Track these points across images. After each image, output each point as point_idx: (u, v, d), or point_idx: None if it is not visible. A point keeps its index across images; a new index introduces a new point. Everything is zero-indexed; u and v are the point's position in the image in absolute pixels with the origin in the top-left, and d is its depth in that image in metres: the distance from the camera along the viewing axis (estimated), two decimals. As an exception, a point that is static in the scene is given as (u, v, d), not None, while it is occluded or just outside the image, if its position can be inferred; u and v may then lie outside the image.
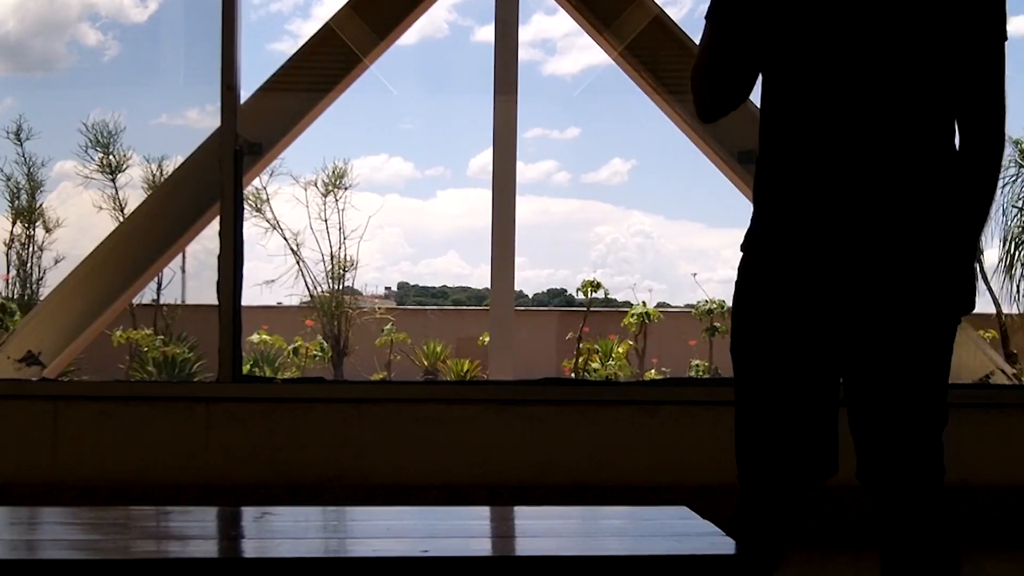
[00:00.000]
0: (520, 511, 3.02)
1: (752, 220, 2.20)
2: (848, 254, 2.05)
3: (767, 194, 2.16)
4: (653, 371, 6.90)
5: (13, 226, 6.64)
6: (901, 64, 2.06)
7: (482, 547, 2.28)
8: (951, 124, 2.12)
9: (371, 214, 6.97)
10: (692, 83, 2.21)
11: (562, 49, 8.73)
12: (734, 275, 2.29)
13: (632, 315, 7.12)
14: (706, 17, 2.17)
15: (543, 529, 2.36)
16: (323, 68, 4.87)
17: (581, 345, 6.55)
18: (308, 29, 5.68)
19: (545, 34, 8.44)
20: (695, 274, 7.62)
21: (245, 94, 4.58)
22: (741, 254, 2.22)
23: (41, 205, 6.71)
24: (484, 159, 6.38)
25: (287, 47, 9.21)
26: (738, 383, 2.18)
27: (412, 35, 7.55)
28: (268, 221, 6.83)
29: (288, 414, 4.30)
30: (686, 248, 9.48)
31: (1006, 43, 2.13)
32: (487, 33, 4.71)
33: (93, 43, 7.57)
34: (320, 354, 6.78)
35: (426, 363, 7.12)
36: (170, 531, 2.32)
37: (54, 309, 4.85)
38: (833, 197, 2.06)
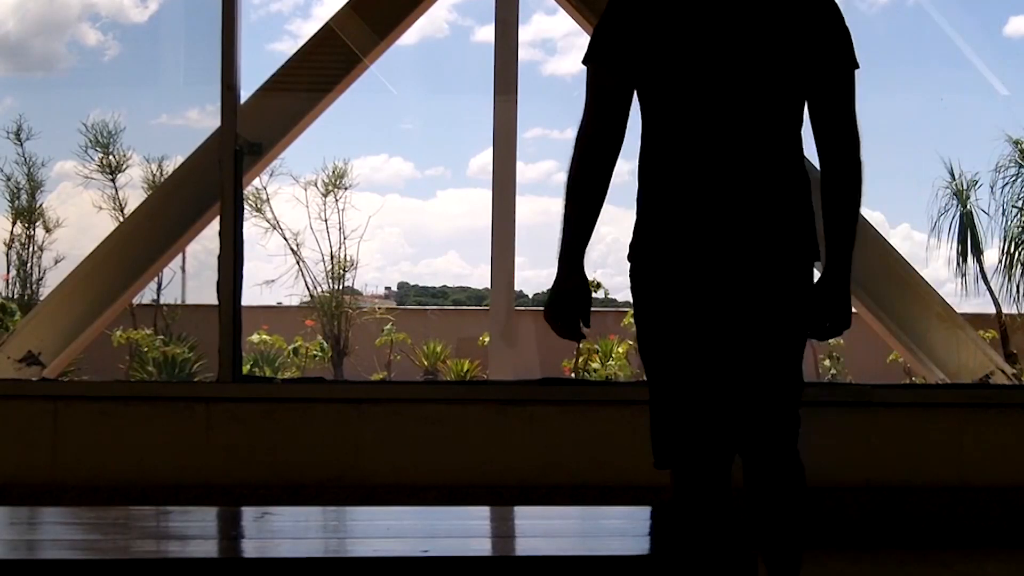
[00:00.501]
0: (520, 511, 3.03)
1: (635, 231, 2.42)
2: (721, 263, 2.31)
3: (650, 211, 2.38)
4: (653, 371, 6.88)
5: (13, 226, 6.64)
6: (764, 92, 2.30)
7: (482, 547, 2.28)
8: (801, 148, 2.40)
9: (371, 214, 6.97)
10: (579, 143, 2.39)
11: (562, 49, 8.72)
12: None
13: (632, 315, 7.11)
14: (591, 59, 2.37)
15: (543, 529, 2.36)
16: (323, 68, 4.87)
17: (581, 345, 6.54)
18: (308, 29, 5.69)
19: (545, 34, 8.42)
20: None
21: (245, 94, 4.58)
22: (629, 263, 2.45)
23: (41, 205, 6.72)
24: (484, 159, 6.36)
25: (287, 47, 9.20)
26: (649, 379, 2.46)
27: (412, 35, 7.54)
28: (268, 221, 6.83)
29: (288, 414, 4.29)
30: (686, 248, 9.44)
31: (856, 71, 2.38)
32: (487, 33, 4.71)
33: (93, 43, 7.57)
34: (320, 354, 6.78)
35: (426, 363, 7.11)
36: (170, 531, 2.32)
37: (54, 309, 4.85)
38: (708, 212, 2.30)
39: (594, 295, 7.19)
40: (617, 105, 2.36)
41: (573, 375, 6.40)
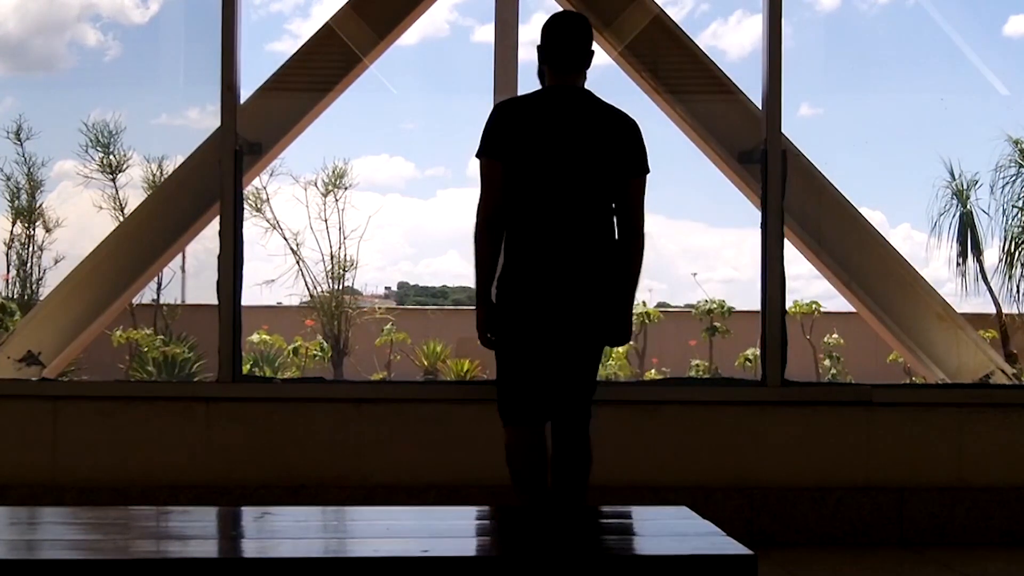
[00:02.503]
0: (519, 511, 3.02)
1: (502, 270, 3.46)
2: (557, 297, 3.39)
3: (513, 259, 3.44)
4: (653, 371, 6.90)
5: (13, 226, 6.63)
6: (587, 186, 3.42)
7: (482, 547, 2.28)
8: (612, 220, 3.48)
9: (371, 214, 6.96)
10: (484, 223, 3.43)
11: (562, 49, 8.70)
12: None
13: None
14: (483, 155, 3.43)
15: (543, 529, 2.36)
16: (323, 68, 4.86)
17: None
18: (308, 29, 5.67)
19: (545, 34, 8.38)
20: (695, 274, 7.62)
21: (245, 94, 4.58)
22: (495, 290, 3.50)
23: (41, 205, 6.71)
24: (484, 159, 6.33)
25: (287, 47, 9.18)
26: (498, 371, 3.52)
27: (412, 35, 7.53)
28: (268, 221, 6.83)
29: (288, 414, 4.29)
30: (686, 248, 9.45)
31: (647, 175, 3.50)
32: (487, 33, 4.70)
33: (93, 43, 7.57)
34: (320, 354, 6.78)
35: (426, 363, 7.11)
36: (170, 531, 2.32)
37: (54, 309, 4.85)
38: (549, 262, 3.39)
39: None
40: (502, 187, 3.41)
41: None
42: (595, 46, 3.63)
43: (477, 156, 3.44)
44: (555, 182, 3.40)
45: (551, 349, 3.44)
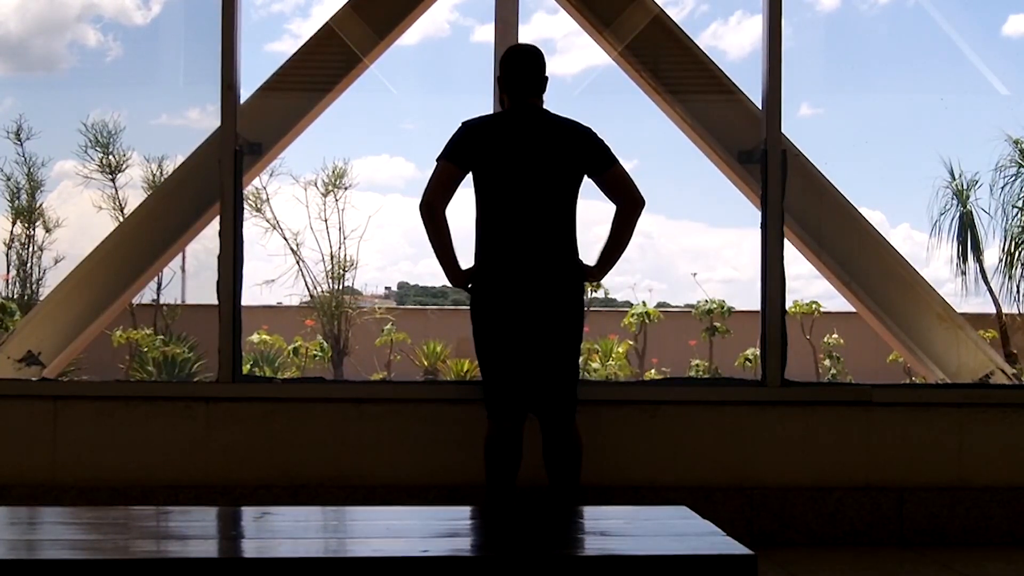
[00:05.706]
0: (520, 511, 3.02)
1: (474, 269, 3.82)
2: (527, 295, 3.72)
3: (484, 258, 3.79)
4: (653, 371, 6.90)
5: (13, 226, 6.64)
6: (549, 190, 3.77)
7: (481, 547, 2.28)
8: (574, 220, 3.80)
9: (371, 214, 6.97)
10: (426, 205, 3.76)
11: (562, 49, 8.72)
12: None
13: (632, 315, 7.13)
14: (443, 157, 3.77)
15: (543, 529, 2.36)
16: (323, 68, 4.86)
17: (581, 345, 6.53)
18: (308, 29, 5.67)
19: (545, 34, 8.42)
20: (695, 274, 7.63)
21: (245, 94, 4.58)
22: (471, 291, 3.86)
23: (41, 205, 6.71)
24: (484, 159, 6.31)
25: (287, 47, 9.17)
26: (482, 367, 3.84)
27: (412, 35, 7.53)
28: (268, 221, 6.84)
29: (288, 414, 4.30)
30: (686, 248, 9.46)
31: (618, 163, 3.83)
32: (487, 33, 4.70)
33: (94, 43, 7.57)
34: (320, 354, 6.78)
35: (426, 363, 7.11)
36: (170, 531, 2.32)
37: (54, 309, 4.85)
38: (517, 259, 3.73)
39: (594, 295, 7.19)
40: (451, 186, 3.78)
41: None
42: (594, 46, 3.71)
43: (438, 159, 3.76)
44: (520, 188, 3.74)
45: (524, 345, 3.73)
